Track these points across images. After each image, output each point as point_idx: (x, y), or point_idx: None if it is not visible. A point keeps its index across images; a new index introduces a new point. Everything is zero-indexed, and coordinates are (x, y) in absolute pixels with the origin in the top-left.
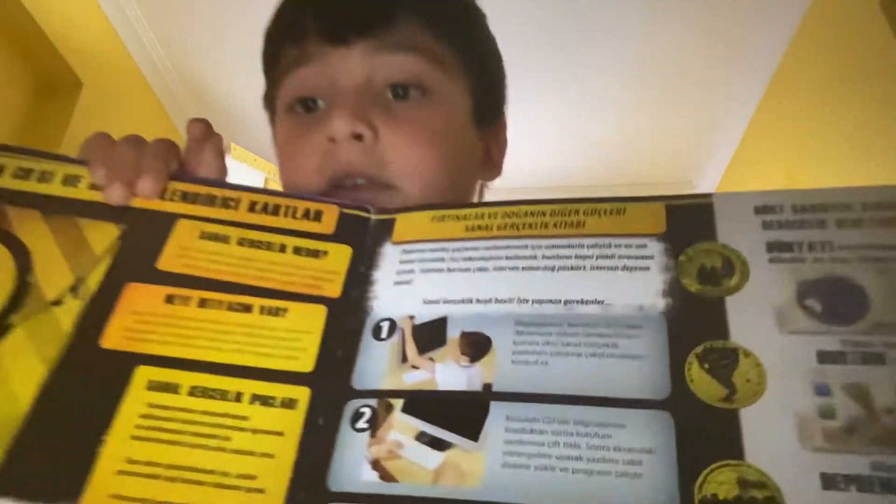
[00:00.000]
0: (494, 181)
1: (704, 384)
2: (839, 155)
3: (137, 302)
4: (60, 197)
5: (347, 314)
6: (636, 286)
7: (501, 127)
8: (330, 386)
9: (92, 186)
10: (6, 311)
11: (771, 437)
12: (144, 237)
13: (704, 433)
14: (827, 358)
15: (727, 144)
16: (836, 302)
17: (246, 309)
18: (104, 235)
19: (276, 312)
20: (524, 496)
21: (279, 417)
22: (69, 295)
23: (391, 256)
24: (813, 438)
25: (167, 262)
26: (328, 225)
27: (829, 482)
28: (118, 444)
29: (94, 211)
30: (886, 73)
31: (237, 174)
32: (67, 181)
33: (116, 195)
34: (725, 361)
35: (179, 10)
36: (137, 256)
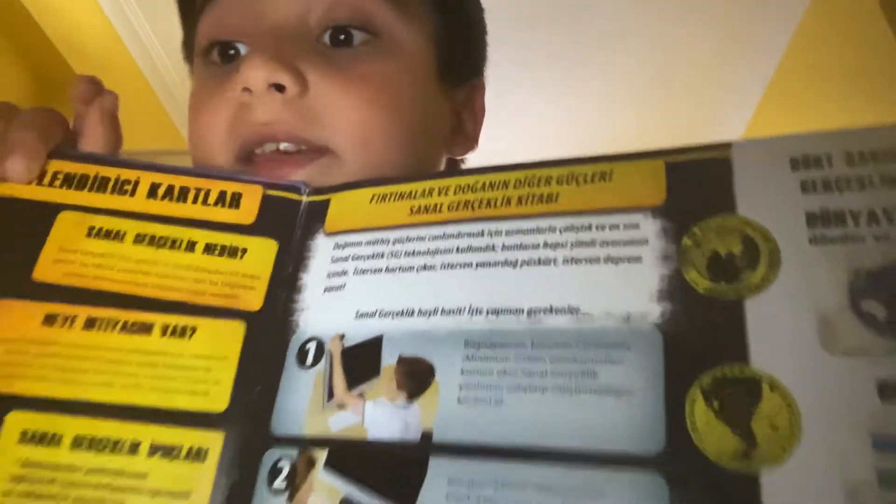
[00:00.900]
0: (467, 156)
1: (712, 433)
2: None
3: (7, 325)
4: None
5: (269, 332)
6: (623, 286)
7: (478, 89)
8: (246, 430)
9: None
10: None
11: None
12: (15, 237)
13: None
14: (892, 391)
15: None
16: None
17: (145, 330)
18: None
19: (182, 333)
20: None
21: (185, 474)
22: None
23: (323, 251)
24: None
25: (45, 270)
26: (249, 212)
27: None
28: None
29: None
30: (886, 72)
31: None
32: None
33: None
34: (744, 398)
35: None
36: (6, 264)
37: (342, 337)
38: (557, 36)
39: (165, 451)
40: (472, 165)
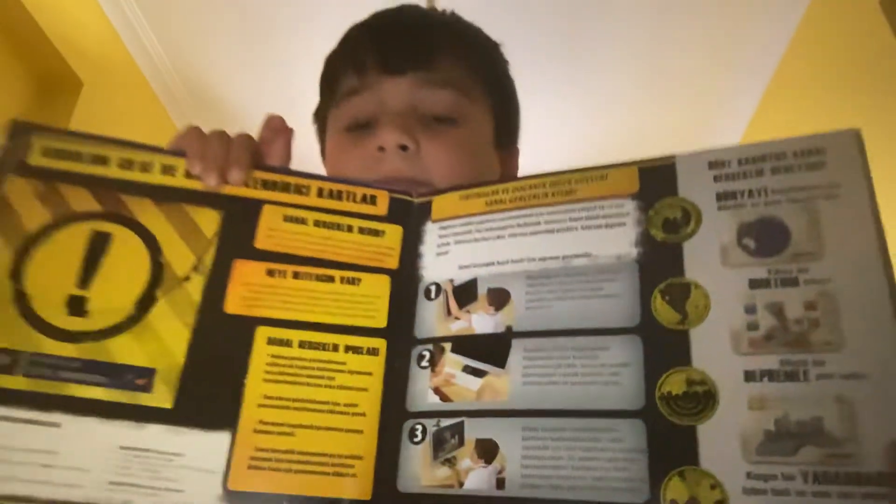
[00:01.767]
0: None
1: (665, 312)
2: None
3: (245, 275)
4: (164, 186)
5: (405, 281)
6: (615, 239)
7: (515, 153)
8: (400, 337)
9: (187, 175)
10: (151, 286)
11: (711, 347)
12: (239, 221)
13: (663, 349)
14: (755, 284)
15: (727, 143)
16: (765, 239)
17: (329, 279)
18: (209, 220)
19: (353, 282)
20: (538, 403)
21: (367, 362)
22: (193, 272)
23: (432, 233)
24: (741, 346)
25: (262, 241)
26: (382, 208)
27: (748, 376)
28: (255, 385)
29: (194, 197)
30: (886, 72)
31: None
32: (165, 171)
33: (213, 182)
34: (681, 293)
35: (179, 10)
36: (238, 237)
37: (452, 280)
38: (557, 36)
39: (354, 349)
40: None
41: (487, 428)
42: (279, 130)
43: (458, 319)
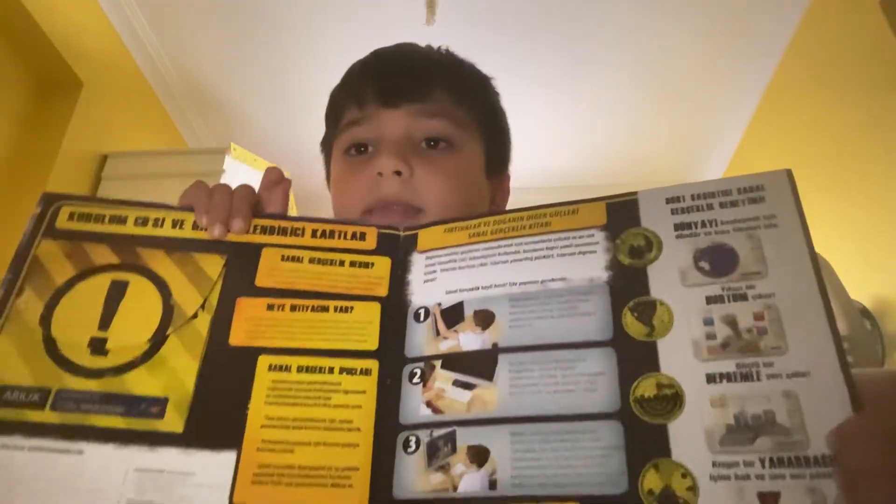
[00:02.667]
0: None
1: (634, 327)
2: (838, 153)
3: (247, 311)
4: (174, 237)
5: (394, 307)
6: (587, 265)
7: (506, 179)
8: (391, 357)
9: (194, 227)
10: (163, 325)
11: (676, 355)
12: (242, 263)
13: (635, 358)
14: (711, 300)
15: (727, 143)
16: (718, 262)
17: (324, 309)
18: (214, 264)
19: (346, 310)
20: (524, 411)
21: (361, 381)
22: (201, 311)
23: (419, 262)
24: (701, 353)
25: (262, 280)
26: (371, 242)
27: (710, 378)
28: (257, 408)
29: (201, 246)
30: (886, 72)
31: (237, 174)
32: (175, 224)
33: (217, 233)
34: (648, 310)
35: (179, 10)
36: (240, 278)
37: (439, 304)
38: (557, 36)
39: (348, 370)
40: None
41: (478, 435)
42: (277, 182)
43: (446, 339)
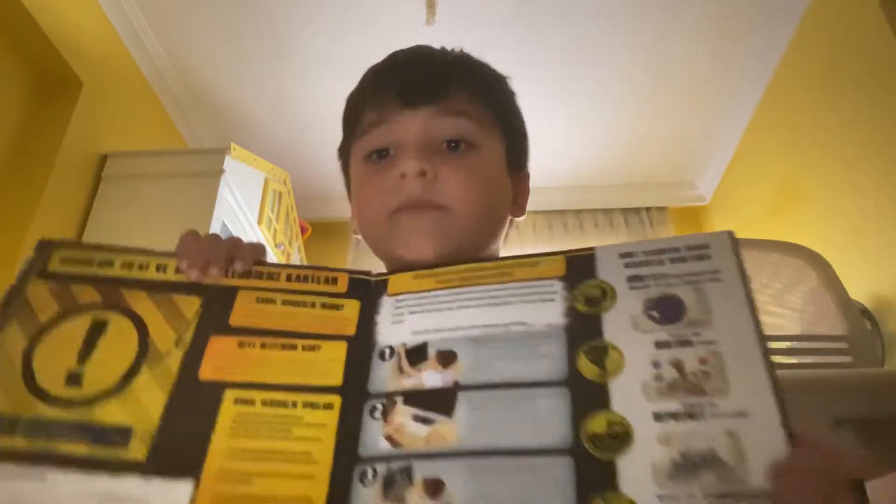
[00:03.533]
0: (521, 218)
1: (588, 368)
2: (838, 154)
3: (219, 349)
4: (156, 280)
5: (361, 346)
6: (546, 311)
7: (525, 177)
8: (354, 393)
9: (177, 271)
10: (137, 360)
11: (626, 395)
12: (218, 304)
13: (587, 397)
14: (660, 345)
15: (727, 144)
16: (666, 311)
17: (293, 347)
18: (190, 305)
19: (313, 348)
20: (481, 446)
21: (322, 415)
22: (174, 347)
23: (388, 305)
24: (650, 393)
25: (236, 319)
26: (342, 286)
27: (657, 417)
28: (220, 439)
29: (181, 288)
30: (886, 72)
31: (237, 174)
32: (159, 269)
33: (193, 277)
34: (601, 353)
35: (179, 10)
36: (215, 317)
37: (404, 343)
38: (557, 37)
39: (311, 405)
40: None
41: (435, 469)
42: (252, 247)
43: (409, 377)
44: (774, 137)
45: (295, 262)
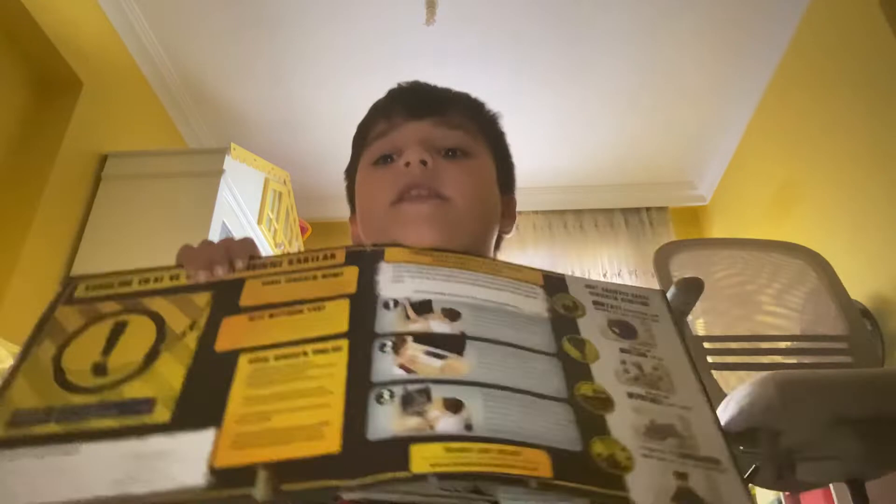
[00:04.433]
0: (508, 235)
1: (572, 351)
2: (838, 154)
3: (232, 325)
4: (171, 286)
5: (364, 298)
6: (532, 304)
7: (512, 200)
8: (362, 334)
9: (188, 277)
10: (156, 346)
11: (604, 376)
12: (228, 293)
13: (575, 370)
14: (623, 351)
15: (727, 144)
16: (624, 330)
17: (299, 312)
18: (203, 297)
19: (317, 308)
20: (493, 381)
21: (332, 357)
22: (190, 330)
23: (386, 270)
24: (621, 379)
25: (246, 299)
26: (340, 258)
27: (630, 395)
28: (238, 391)
29: (192, 288)
30: (886, 72)
31: (237, 174)
32: (172, 278)
33: (202, 278)
34: (580, 343)
35: (179, 10)
36: (226, 303)
37: (408, 298)
38: (558, 37)
39: (321, 350)
40: None
41: (452, 392)
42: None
43: (416, 323)
44: (774, 138)
45: None
